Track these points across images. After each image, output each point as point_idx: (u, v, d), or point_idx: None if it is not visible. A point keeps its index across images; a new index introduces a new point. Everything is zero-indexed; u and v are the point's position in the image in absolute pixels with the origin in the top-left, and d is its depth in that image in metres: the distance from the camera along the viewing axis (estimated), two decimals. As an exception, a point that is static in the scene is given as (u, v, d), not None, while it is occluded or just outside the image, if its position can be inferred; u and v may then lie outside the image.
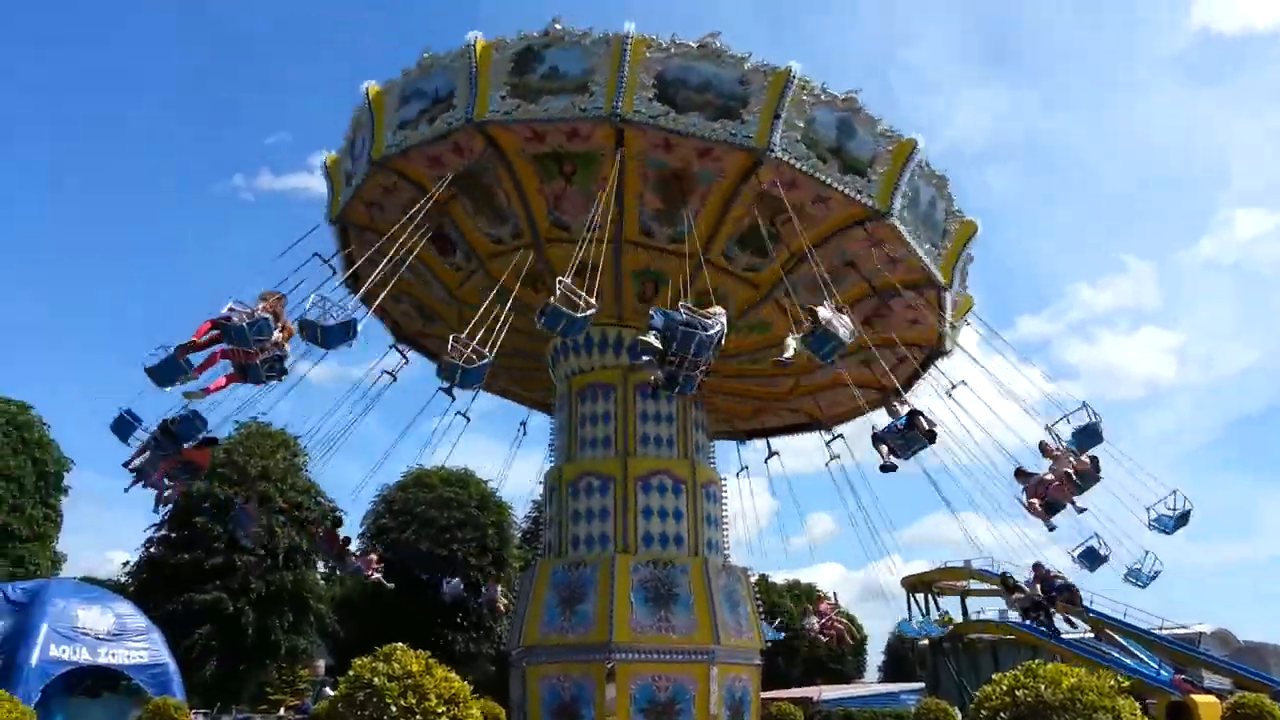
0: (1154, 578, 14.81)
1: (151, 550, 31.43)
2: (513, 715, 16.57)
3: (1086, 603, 44.38)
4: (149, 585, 30.20)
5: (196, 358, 11.26)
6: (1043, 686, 6.96)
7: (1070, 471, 13.50)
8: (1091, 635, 43.45)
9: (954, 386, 15.75)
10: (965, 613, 49.65)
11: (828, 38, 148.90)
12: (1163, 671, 39.73)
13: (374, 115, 14.97)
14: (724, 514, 16.91)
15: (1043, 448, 13.99)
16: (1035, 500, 13.56)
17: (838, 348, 11.57)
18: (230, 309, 11.06)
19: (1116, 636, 42.55)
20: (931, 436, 12.17)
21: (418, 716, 6.49)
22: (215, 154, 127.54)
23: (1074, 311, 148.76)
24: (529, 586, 15.86)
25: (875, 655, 65.17)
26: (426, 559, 34.21)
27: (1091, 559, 14.60)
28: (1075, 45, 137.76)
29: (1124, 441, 14.16)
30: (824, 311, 11.38)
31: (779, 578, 55.48)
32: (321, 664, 38.35)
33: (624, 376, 16.53)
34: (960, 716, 22.18)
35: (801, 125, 13.25)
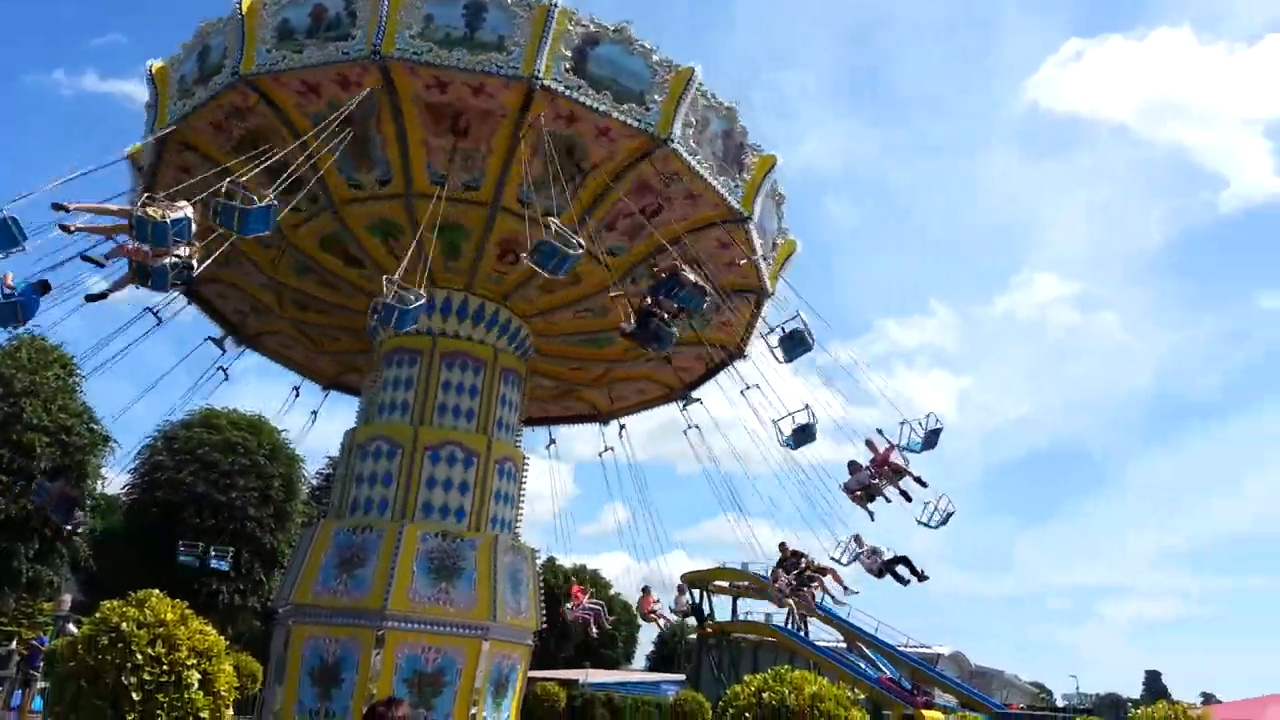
0: (946, 520, 15.18)
1: (-115, 456, 28.30)
2: (269, 672, 16.06)
3: (845, 616, 47.56)
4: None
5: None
6: (787, 691, 7.46)
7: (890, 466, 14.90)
8: (844, 645, 46.58)
9: (772, 330, 15.80)
10: (735, 612, 52.04)
11: (703, 45, 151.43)
12: (903, 684, 43.12)
13: (158, 91, 14.72)
14: (521, 494, 17.00)
15: (869, 445, 15.18)
16: (858, 490, 14.97)
17: (564, 261, 12.08)
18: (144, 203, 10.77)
19: (865, 649, 45.79)
20: (701, 291, 12.90)
21: (165, 667, 6.24)
22: (38, 45, 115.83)
23: (880, 344, 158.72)
24: (307, 544, 15.40)
25: (646, 645, 67.19)
26: (202, 502, 32.52)
27: (800, 435, 14.95)
28: (928, 98, 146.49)
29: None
30: (554, 223, 11.79)
31: (566, 562, 56.27)
32: (68, 598, 35.68)
33: (432, 342, 16.37)
34: (711, 712, 23.27)
35: (570, 55, 13.45)
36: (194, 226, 11.14)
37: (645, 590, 18.30)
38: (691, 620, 46.36)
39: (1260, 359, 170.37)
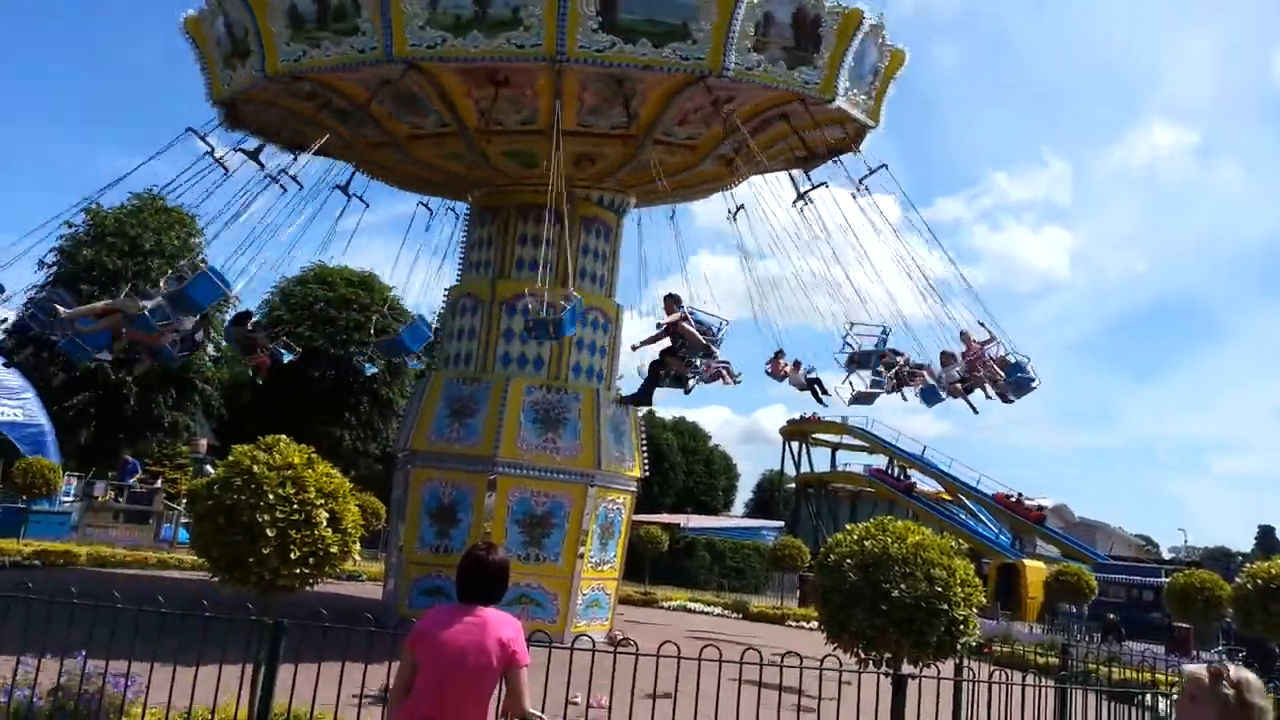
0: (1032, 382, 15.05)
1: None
2: (392, 512, 17.07)
3: (945, 467, 47.57)
4: (27, 347, 29.34)
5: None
6: (889, 540, 7.49)
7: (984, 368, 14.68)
8: (947, 497, 46.76)
9: (871, 171, 15.18)
10: (834, 464, 52.62)
11: None
12: (1001, 536, 43.31)
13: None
14: (616, 345, 17.16)
15: (963, 337, 14.98)
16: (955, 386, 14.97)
17: (560, 326, 12.28)
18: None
19: (967, 501, 45.91)
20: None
21: (295, 506, 6.64)
22: None
23: (988, 198, 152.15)
24: (421, 395, 16.03)
25: (745, 493, 68.93)
26: (319, 356, 34.02)
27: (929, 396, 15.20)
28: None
29: (1013, 329, 14.70)
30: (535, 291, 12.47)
31: (666, 414, 57.50)
32: (204, 442, 38.40)
33: (506, 199, 16.36)
34: (809, 556, 23.86)
35: (595, 10, 12.28)
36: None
37: (778, 353, 18.19)
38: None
39: None
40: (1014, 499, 43.97)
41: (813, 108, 13.87)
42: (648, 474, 17.16)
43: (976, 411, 15.64)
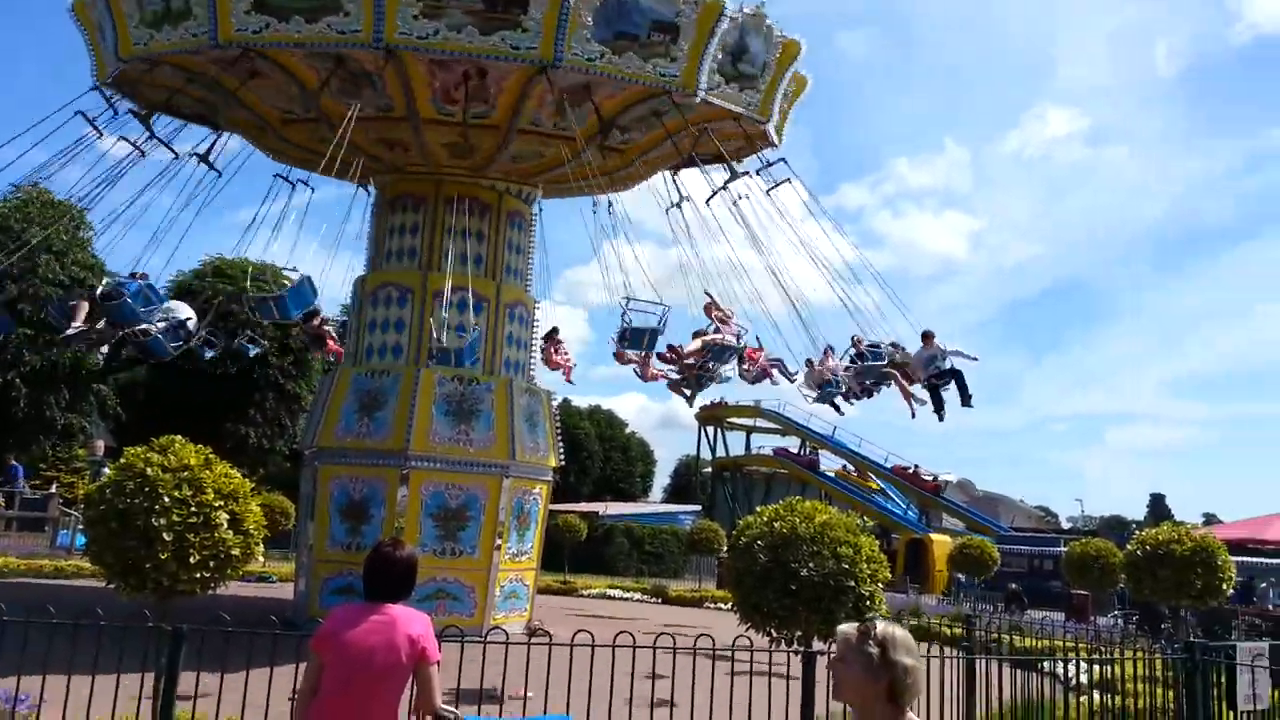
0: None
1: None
2: (301, 510, 16.68)
3: (855, 447, 48.64)
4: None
5: None
6: (797, 520, 7.66)
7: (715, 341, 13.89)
8: (856, 474, 47.95)
9: (768, 164, 15.36)
10: (749, 447, 53.41)
11: None
12: (909, 512, 44.66)
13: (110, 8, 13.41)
14: (533, 337, 17.05)
15: (706, 309, 14.34)
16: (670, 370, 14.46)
17: (461, 353, 12.97)
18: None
19: (876, 478, 47.17)
20: None
21: (193, 509, 6.43)
22: None
23: (890, 184, 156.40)
24: (328, 389, 15.66)
25: (663, 479, 69.47)
26: (223, 350, 32.88)
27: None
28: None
29: (916, 313, 14.94)
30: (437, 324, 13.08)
31: (582, 403, 57.53)
32: (101, 444, 36.85)
33: (435, 189, 16.00)
34: (726, 539, 24.21)
35: (590, 25, 12.36)
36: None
37: (828, 350, 15.07)
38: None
39: (1274, 188, 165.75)
40: (912, 471, 45.50)
41: (681, 102, 13.58)
42: (564, 463, 17.11)
43: (691, 398, 15.57)
